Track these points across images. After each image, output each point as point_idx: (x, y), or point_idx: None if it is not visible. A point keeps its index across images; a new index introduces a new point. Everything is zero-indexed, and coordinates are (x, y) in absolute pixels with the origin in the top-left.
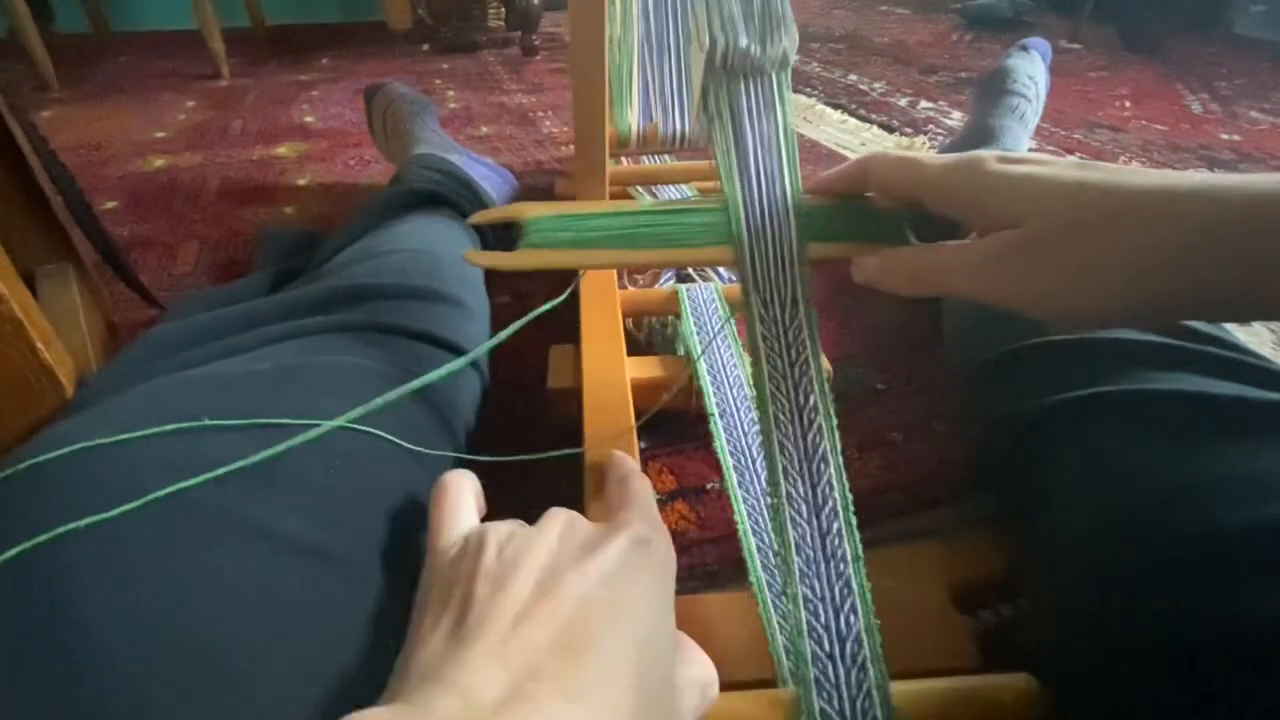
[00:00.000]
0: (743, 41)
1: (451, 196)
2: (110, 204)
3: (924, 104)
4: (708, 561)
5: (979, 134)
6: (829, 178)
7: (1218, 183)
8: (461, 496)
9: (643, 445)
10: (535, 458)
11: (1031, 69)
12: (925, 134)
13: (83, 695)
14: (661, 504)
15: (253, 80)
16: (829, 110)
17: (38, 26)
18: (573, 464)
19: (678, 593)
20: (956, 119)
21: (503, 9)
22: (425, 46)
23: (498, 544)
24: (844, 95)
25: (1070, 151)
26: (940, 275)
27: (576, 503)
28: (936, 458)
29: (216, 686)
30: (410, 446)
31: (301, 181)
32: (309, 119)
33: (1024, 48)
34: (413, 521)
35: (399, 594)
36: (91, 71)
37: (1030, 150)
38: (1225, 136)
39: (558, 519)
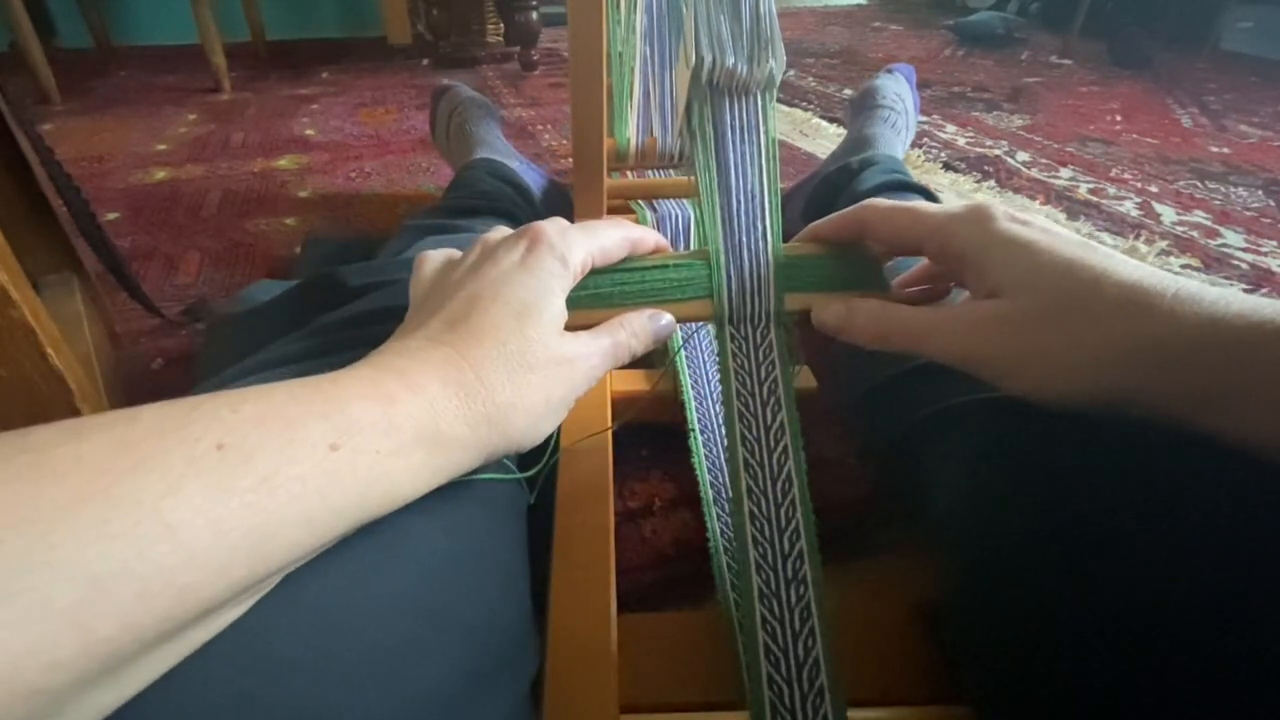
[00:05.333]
0: (730, 60)
1: (508, 205)
2: (112, 215)
3: (919, 118)
4: (709, 572)
5: (855, 143)
6: (824, 227)
7: (1204, 295)
8: (426, 270)
9: (644, 453)
10: (516, 477)
11: (897, 87)
12: (920, 147)
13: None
14: (664, 512)
15: (253, 94)
16: (825, 124)
17: (40, 40)
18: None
19: (682, 599)
20: (950, 132)
21: (501, 25)
22: (425, 61)
23: (444, 282)
24: (840, 109)
25: (1063, 164)
26: (915, 333)
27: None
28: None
29: (371, 675)
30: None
31: (303, 194)
32: (309, 132)
33: (889, 71)
34: (504, 517)
35: (508, 578)
36: (93, 85)
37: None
38: (1215, 149)
39: (476, 247)
